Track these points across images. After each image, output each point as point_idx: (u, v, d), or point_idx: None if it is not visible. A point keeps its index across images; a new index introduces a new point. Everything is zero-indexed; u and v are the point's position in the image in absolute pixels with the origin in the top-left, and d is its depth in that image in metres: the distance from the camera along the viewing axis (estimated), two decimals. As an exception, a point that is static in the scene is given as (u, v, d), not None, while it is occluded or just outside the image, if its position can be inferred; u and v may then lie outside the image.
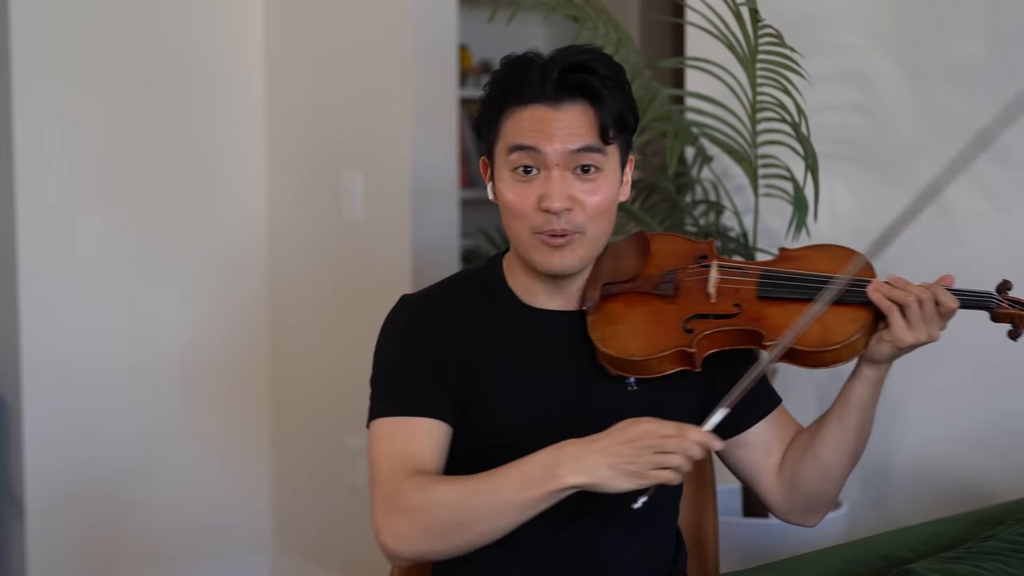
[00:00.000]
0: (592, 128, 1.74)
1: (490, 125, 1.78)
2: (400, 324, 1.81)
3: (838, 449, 1.78)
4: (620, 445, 1.56)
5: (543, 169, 1.73)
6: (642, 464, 1.55)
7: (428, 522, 1.64)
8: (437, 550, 1.67)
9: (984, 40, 2.56)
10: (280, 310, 3.79)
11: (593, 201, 1.74)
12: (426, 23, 3.35)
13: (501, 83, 1.77)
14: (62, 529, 3.47)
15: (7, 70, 3.35)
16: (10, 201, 3.39)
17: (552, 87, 1.73)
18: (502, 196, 1.77)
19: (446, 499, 1.64)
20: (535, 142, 1.72)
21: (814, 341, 1.71)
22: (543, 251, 1.75)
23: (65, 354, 3.47)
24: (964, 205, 2.60)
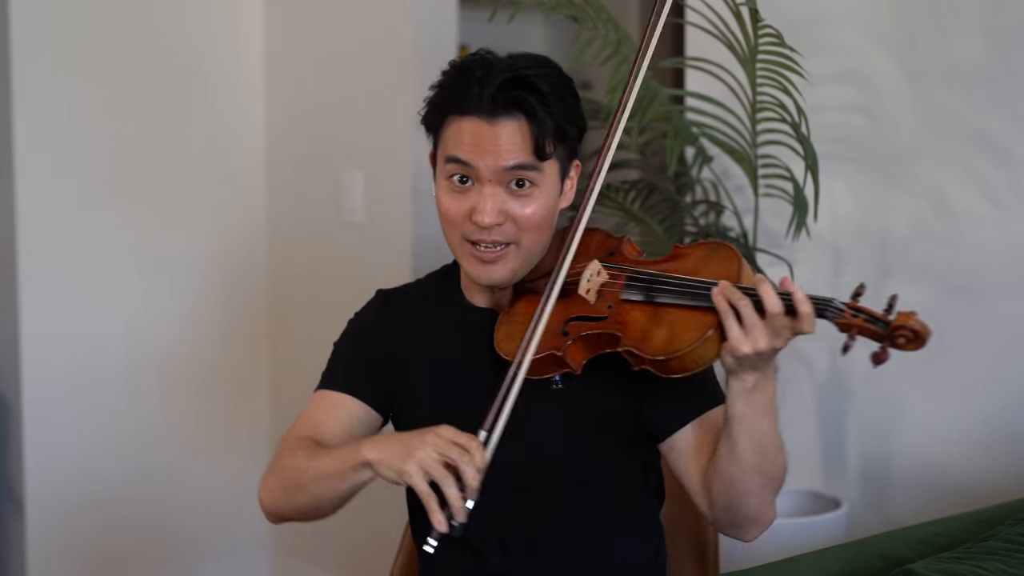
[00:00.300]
0: (527, 145, 1.73)
1: (431, 129, 1.81)
2: (357, 318, 1.96)
3: (733, 462, 1.67)
4: (418, 438, 1.61)
5: (476, 182, 1.75)
6: (420, 457, 1.58)
7: (282, 481, 1.80)
8: (286, 508, 1.81)
9: (984, 40, 2.56)
10: (280, 310, 3.79)
11: (526, 214, 1.75)
12: (426, 23, 3.35)
13: (442, 91, 1.79)
14: (62, 529, 3.47)
15: (7, 70, 3.35)
16: (10, 201, 3.38)
17: (488, 101, 1.72)
18: (439, 201, 1.80)
19: (297, 462, 1.77)
20: (469, 157, 1.73)
21: (657, 348, 1.62)
22: (474, 263, 1.78)
23: (65, 354, 3.47)
24: (964, 205, 2.60)
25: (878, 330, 1.51)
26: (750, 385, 1.61)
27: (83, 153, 3.48)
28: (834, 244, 2.79)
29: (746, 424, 1.63)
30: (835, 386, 2.80)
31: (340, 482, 1.71)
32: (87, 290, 3.50)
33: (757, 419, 1.63)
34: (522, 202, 1.75)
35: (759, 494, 1.69)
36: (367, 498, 3.62)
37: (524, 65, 1.75)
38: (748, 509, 1.71)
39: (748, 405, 1.62)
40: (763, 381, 1.61)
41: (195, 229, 3.67)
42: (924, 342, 1.50)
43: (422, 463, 1.58)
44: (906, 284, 2.69)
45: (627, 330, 1.66)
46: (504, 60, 1.76)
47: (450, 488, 1.56)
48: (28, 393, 3.41)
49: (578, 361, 1.71)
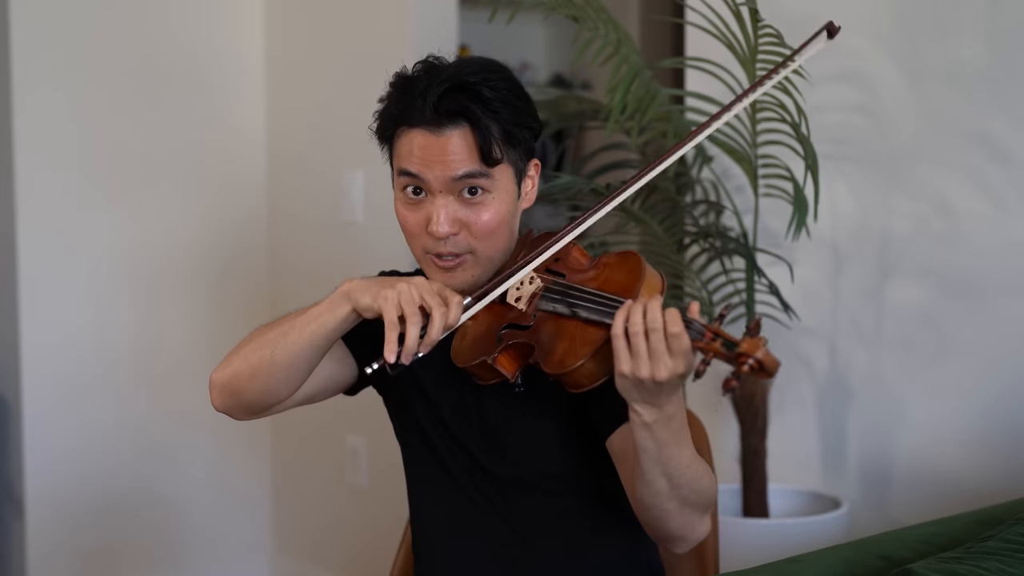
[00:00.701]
0: (474, 153, 1.72)
1: (382, 139, 1.82)
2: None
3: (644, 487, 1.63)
4: (407, 278, 1.65)
5: (429, 193, 1.74)
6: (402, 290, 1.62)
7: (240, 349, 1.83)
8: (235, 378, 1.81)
9: (984, 42, 2.56)
10: (280, 310, 3.78)
11: (481, 221, 1.74)
12: (426, 23, 3.35)
13: (389, 104, 1.79)
14: (62, 529, 3.47)
15: (7, 70, 3.35)
16: (10, 201, 3.39)
17: (431, 111, 1.71)
18: (396, 212, 1.80)
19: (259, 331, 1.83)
20: (418, 169, 1.73)
21: (554, 363, 1.60)
22: (436, 272, 1.78)
23: (65, 354, 3.47)
24: (964, 205, 2.60)
25: (729, 354, 1.46)
26: (648, 419, 1.55)
27: (83, 153, 3.48)
28: (834, 244, 2.79)
29: (651, 455, 1.58)
30: (835, 386, 2.81)
31: (307, 325, 1.73)
32: (87, 290, 3.50)
33: (663, 450, 1.58)
34: (475, 210, 1.74)
35: (676, 516, 1.65)
36: (367, 498, 3.64)
37: (467, 72, 1.73)
38: (670, 529, 1.67)
39: (651, 438, 1.57)
40: (661, 418, 1.55)
41: (195, 229, 3.67)
42: (770, 373, 1.44)
43: (401, 295, 1.62)
44: (906, 284, 2.70)
45: (540, 340, 1.65)
46: (447, 68, 1.74)
47: (413, 328, 1.59)
48: (28, 393, 3.41)
49: (510, 370, 1.69)
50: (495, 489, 1.83)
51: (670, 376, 1.50)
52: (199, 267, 3.68)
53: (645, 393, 1.53)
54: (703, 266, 2.81)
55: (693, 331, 1.50)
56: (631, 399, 1.55)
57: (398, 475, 1.99)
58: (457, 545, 1.86)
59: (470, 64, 1.75)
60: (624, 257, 1.69)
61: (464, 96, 1.71)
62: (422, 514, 1.92)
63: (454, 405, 1.84)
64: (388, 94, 1.80)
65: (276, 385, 1.79)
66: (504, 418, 1.80)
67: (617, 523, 1.84)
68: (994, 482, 2.54)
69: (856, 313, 2.77)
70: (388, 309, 1.61)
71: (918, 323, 2.68)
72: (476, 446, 1.83)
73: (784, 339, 2.84)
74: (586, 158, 3.27)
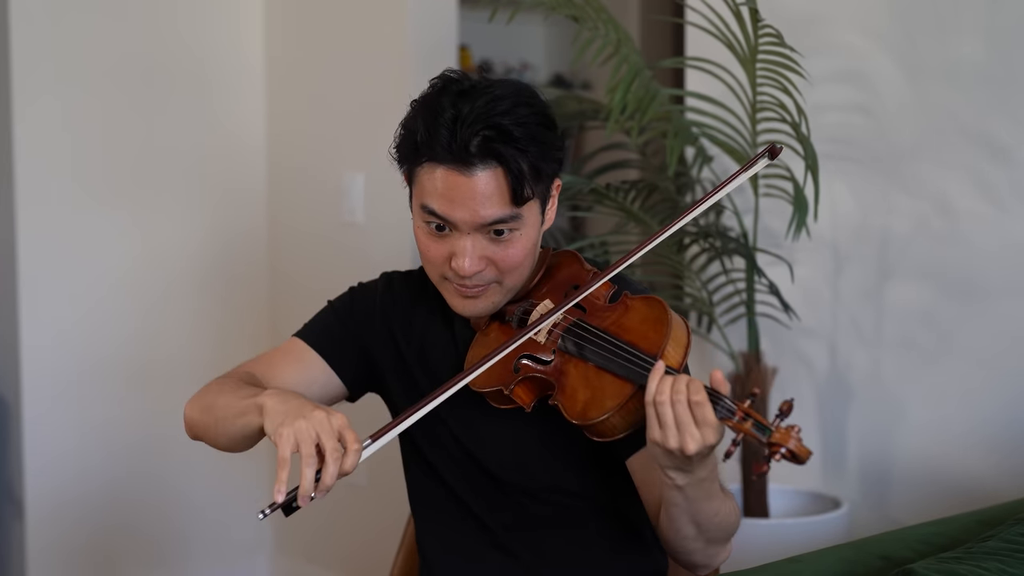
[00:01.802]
0: (504, 195, 1.66)
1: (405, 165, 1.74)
2: (359, 289, 1.93)
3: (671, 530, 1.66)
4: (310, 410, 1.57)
5: (453, 231, 1.69)
6: (299, 428, 1.54)
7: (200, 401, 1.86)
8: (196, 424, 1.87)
9: (984, 40, 2.56)
10: (280, 310, 3.79)
11: (508, 255, 1.70)
12: (426, 23, 3.35)
13: (411, 135, 1.70)
14: (62, 529, 3.47)
15: (7, 71, 3.35)
16: (10, 201, 3.39)
17: (461, 151, 1.64)
18: (416, 237, 1.75)
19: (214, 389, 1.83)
20: (444, 211, 1.67)
21: (576, 412, 1.60)
22: (455, 297, 1.74)
23: (65, 354, 3.47)
24: (964, 205, 2.60)
25: (762, 439, 1.47)
26: (680, 483, 1.56)
27: (83, 155, 3.48)
28: (834, 244, 2.79)
29: (682, 508, 1.60)
30: (835, 386, 2.81)
31: (235, 420, 1.72)
32: (87, 291, 3.50)
33: (694, 504, 1.59)
34: (503, 247, 1.70)
35: (703, 552, 1.68)
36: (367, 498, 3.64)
37: (499, 111, 1.65)
38: (693, 562, 1.71)
39: (682, 497, 1.58)
40: (692, 481, 1.56)
41: (195, 230, 3.67)
42: (802, 462, 1.46)
43: (298, 434, 1.54)
44: (906, 284, 2.69)
45: (562, 382, 1.63)
46: (478, 103, 1.66)
47: (308, 470, 1.52)
48: (28, 393, 3.41)
49: (526, 400, 1.68)
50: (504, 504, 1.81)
51: (699, 448, 1.50)
52: (199, 268, 3.68)
53: (676, 461, 1.54)
54: (703, 266, 2.81)
55: (723, 409, 1.49)
56: (663, 464, 1.55)
57: (398, 474, 1.99)
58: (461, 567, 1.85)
59: (501, 99, 1.67)
60: (650, 304, 1.65)
61: (496, 136, 1.64)
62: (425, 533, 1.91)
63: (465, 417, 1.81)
64: (412, 120, 1.71)
65: (224, 446, 1.82)
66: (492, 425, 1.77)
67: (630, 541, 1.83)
68: (994, 482, 2.54)
69: (856, 313, 2.77)
70: (282, 447, 1.53)
71: (918, 323, 2.68)
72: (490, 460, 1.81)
73: (784, 339, 2.84)
74: (586, 158, 3.27)
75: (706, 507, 1.61)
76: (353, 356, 1.89)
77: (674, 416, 1.50)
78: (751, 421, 1.48)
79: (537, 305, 1.73)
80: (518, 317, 1.74)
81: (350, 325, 1.90)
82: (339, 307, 1.92)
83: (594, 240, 2.90)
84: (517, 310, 1.75)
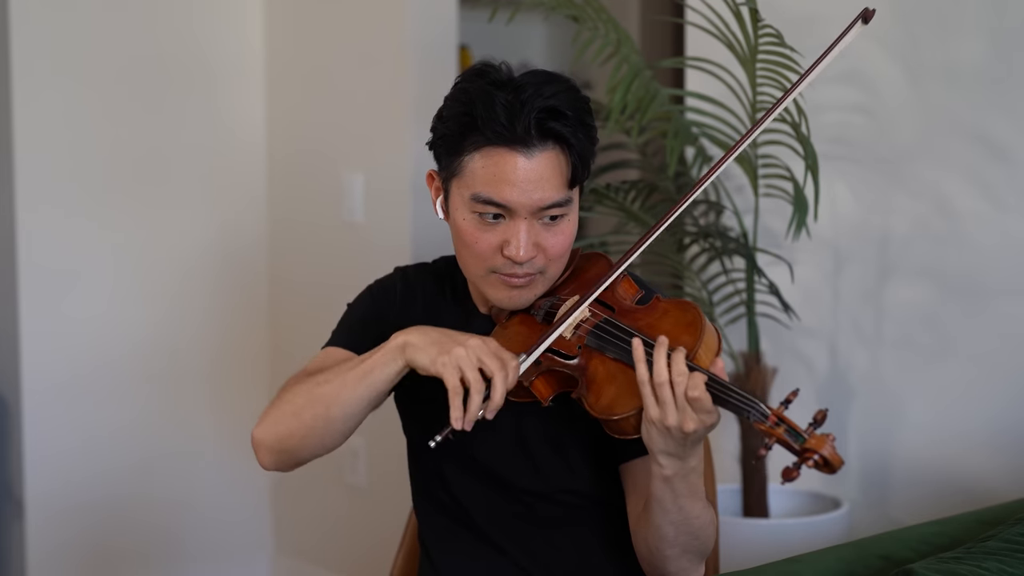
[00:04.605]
0: (563, 178, 1.68)
1: (449, 156, 1.71)
2: (375, 286, 1.93)
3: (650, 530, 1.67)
4: (463, 336, 1.61)
5: (509, 217, 1.69)
6: (460, 355, 1.58)
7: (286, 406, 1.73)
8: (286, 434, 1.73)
9: (985, 40, 2.56)
10: (280, 310, 3.79)
11: (557, 243, 1.71)
12: (426, 23, 3.35)
13: (465, 117, 1.67)
14: (62, 529, 3.47)
15: (7, 70, 3.35)
16: (10, 201, 3.38)
17: (523, 130, 1.64)
18: (460, 230, 1.73)
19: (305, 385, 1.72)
20: (504, 197, 1.66)
21: (600, 408, 1.60)
22: (500, 289, 1.73)
23: (65, 354, 3.47)
24: (964, 205, 2.60)
25: (794, 445, 1.47)
26: (669, 472, 1.57)
27: (83, 154, 3.48)
28: (834, 244, 2.79)
29: (665, 504, 1.61)
30: (835, 386, 2.80)
31: (364, 380, 1.67)
32: (87, 290, 3.50)
33: (678, 500, 1.61)
34: (553, 233, 1.70)
35: (675, 560, 1.68)
36: (367, 498, 3.63)
37: (551, 93, 1.66)
38: (665, 571, 1.70)
39: (668, 489, 1.60)
40: (682, 470, 1.58)
41: (195, 229, 3.67)
42: (834, 470, 1.46)
43: (460, 360, 1.58)
44: (906, 284, 2.69)
45: (586, 377, 1.63)
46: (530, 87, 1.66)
47: (477, 395, 1.57)
48: (28, 393, 3.41)
49: (544, 394, 1.67)
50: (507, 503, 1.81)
51: (697, 428, 1.51)
52: (199, 267, 3.68)
53: (671, 443, 1.55)
54: (703, 266, 2.81)
55: (757, 413, 1.49)
56: (657, 449, 1.56)
57: (397, 475, 1.99)
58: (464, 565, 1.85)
59: (551, 83, 1.68)
60: (683, 308, 1.65)
61: (554, 117, 1.65)
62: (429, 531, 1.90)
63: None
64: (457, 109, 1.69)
65: (333, 439, 1.76)
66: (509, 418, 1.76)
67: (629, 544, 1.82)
68: (994, 482, 2.54)
69: (856, 313, 2.77)
70: (449, 375, 1.58)
71: (918, 323, 2.68)
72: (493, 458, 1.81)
73: (784, 339, 2.84)
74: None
75: (688, 506, 1.61)
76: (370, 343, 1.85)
77: (674, 397, 1.51)
78: (784, 426, 1.47)
79: (564, 301, 1.73)
80: (544, 311, 1.74)
81: (371, 318, 1.89)
82: (358, 305, 1.93)
83: (594, 240, 2.90)
84: (544, 304, 1.75)
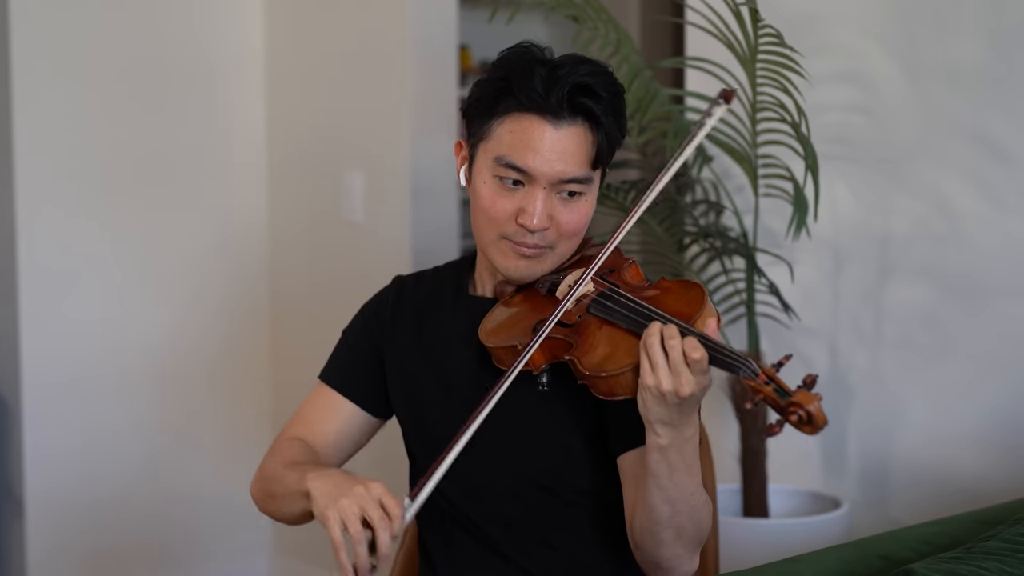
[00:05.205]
0: (587, 156, 1.72)
1: (481, 119, 1.76)
2: (367, 307, 1.96)
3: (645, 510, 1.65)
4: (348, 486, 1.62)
5: (528, 184, 1.72)
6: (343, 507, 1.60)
7: (262, 485, 1.88)
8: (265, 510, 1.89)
9: (984, 40, 2.56)
10: (280, 310, 3.79)
11: (571, 220, 1.74)
12: (426, 23, 3.35)
13: (502, 82, 1.72)
14: (62, 529, 3.47)
15: (7, 70, 3.35)
16: (10, 201, 3.39)
17: (556, 101, 1.69)
18: (478, 194, 1.76)
19: (269, 472, 1.86)
20: (527, 164, 1.70)
21: (592, 364, 1.61)
22: (510, 256, 1.76)
23: (65, 354, 3.47)
24: (964, 205, 2.60)
25: (780, 402, 1.47)
26: (664, 441, 1.58)
27: (83, 154, 3.48)
28: (834, 244, 2.79)
29: (661, 480, 1.61)
30: (835, 386, 2.80)
31: (295, 503, 1.76)
32: (87, 290, 3.50)
33: (674, 475, 1.60)
34: (568, 209, 1.74)
35: (670, 546, 1.66)
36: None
37: (590, 72, 1.71)
38: (660, 558, 1.68)
39: (663, 461, 1.59)
40: (677, 440, 1.58)
41: (195, 229, 3.67)
42: (817, 428, 1.45)
43: (342, 513, 1.60)
44: (906, 284, 2.69)
45: (581, 340, 1.64)
46: (569, 64, 1.71)
47: (360, 546, 1.58)
48: (28, 393, 3.41)
49: (537, 363, 1.68)
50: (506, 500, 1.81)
51: (692, 391, 1.52)
52: (199, 266, 3.68)
53: (666, 411, 1.55)
54: (703, 266, 2.81)
55: (748, 371, 1.50)
56: (652, 417, 1.56)
57: (398, 475, 1.99)
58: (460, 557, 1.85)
59: (590, 63, 1.73)
60: (686, 286, 1.68)
61: (588, 95, 1.70)
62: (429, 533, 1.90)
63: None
64: (499, 75, 1.73)
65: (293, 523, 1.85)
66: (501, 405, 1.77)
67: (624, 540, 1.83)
68: (994, 482, 2.54)
69: (856, 313, 2.77)
70: (332, 529, 1.60)
71: (918, 323, 2.68)
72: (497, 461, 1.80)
73: (784, 339, 2.84)
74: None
75: (684, 481, 1.61)
76: (372, 382, 1.92)
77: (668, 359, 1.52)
78: (773, 385, 1.49)
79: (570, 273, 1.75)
80: (549, 284, 1.76)
81: (364, 347, 1.93)
82: (350, 332, 1.97)
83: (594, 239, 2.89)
84: (548, 279, 1.77)
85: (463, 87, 4.49)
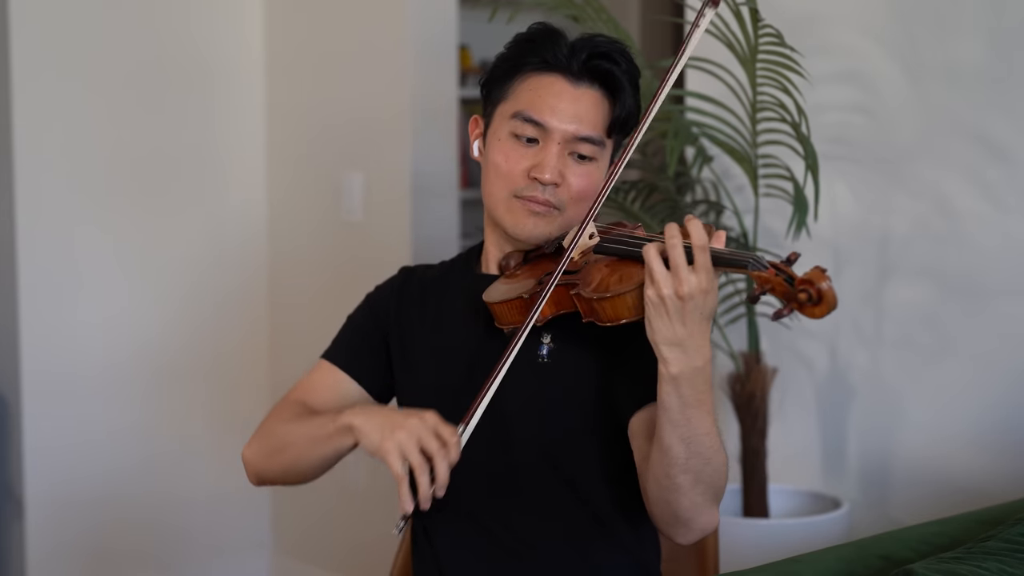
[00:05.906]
0: (602, 121, 1.79)
1: (501, 83, 1.82)
2: (373, 293, 1.99)
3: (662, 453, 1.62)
4: (402, 418, 1.65)
5: (543, 141, 1.78)
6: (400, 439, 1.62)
7: (267, 441, 1.87)
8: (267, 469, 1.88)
9: (984, 40, 2.56)
10: (279, 310, 3.79)
11: (580, 183, 1.78)
12: (426, 23, 3.35)
13: (525, 44, 1.81)
14: (62, 529, 3.47)
15: (7, 71, 3.35)
16: (10, 202, 3.39)
17: (577, 64, 1.77)
18: (491, 156, 1.81)
19: (283, 425, 1.85)
20: (544, 118, 1.76)
21: (594, 287, 1.64)
22: (519, 214, 1.79)
23: (65, 353, 3.47)
24: (964, 205, 2.60)
25: (789, 289, 1.46)
26: (675, 370, 1.55)
27: (83, 154, 3.48)
28: (834, 244, 2.79)
29: (674, 415, 1.58)
30: (835, 386, 2.81)
31: (322, 445, 1.77)
32: (87, 290, 3.50)
33: (686, 410, 1.57)
34: (577, 172, 1.78)
35: (689, 494, 1.62)
36: (367, 498, 3.63)
37: (614, 48, 1.80)
38: (679, 508, 1.64)
39: (676, 394, 1.57)
40: (687, 369, 1.55)
41: (195, 229, 3.67)
42: (827, 308, 1.43)
43: (401, 445, 1.61)
44: (906, 284, 2.70)
45: (586, 277, 1.67)
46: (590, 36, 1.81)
47: (423, 476, 1.60)
48: (28, 393, 3.41)
49: (543, 314, 1.70)
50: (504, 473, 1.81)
51: (690, 291, 1.51)
52: (199, 266, 3.68)
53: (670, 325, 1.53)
54: (703, 266, 2.81)
55: (756, 264, 1.50)
56: (658, 337, 1.54)
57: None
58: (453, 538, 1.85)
59: (616, 43, 1.82)
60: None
61: (608, 64, 1.78)
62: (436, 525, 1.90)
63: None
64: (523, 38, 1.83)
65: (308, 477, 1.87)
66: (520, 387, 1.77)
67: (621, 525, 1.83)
68: (994, 482, 2.54)
69: (856, 313, 2.77)
70: (393, 462, 1.62)
71: (918, 323, 2.68)
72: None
73: (784, 339, 2.84)
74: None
75: (697, 416, 1.58)
76: (375, 363, 1.94)
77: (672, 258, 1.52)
78: (783, 276, 1.48)
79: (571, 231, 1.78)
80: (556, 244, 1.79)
81: (369, 328, 1.95)
82: (356, 316, 1.99)
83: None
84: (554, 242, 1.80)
85: (463, 87, 4.49)
